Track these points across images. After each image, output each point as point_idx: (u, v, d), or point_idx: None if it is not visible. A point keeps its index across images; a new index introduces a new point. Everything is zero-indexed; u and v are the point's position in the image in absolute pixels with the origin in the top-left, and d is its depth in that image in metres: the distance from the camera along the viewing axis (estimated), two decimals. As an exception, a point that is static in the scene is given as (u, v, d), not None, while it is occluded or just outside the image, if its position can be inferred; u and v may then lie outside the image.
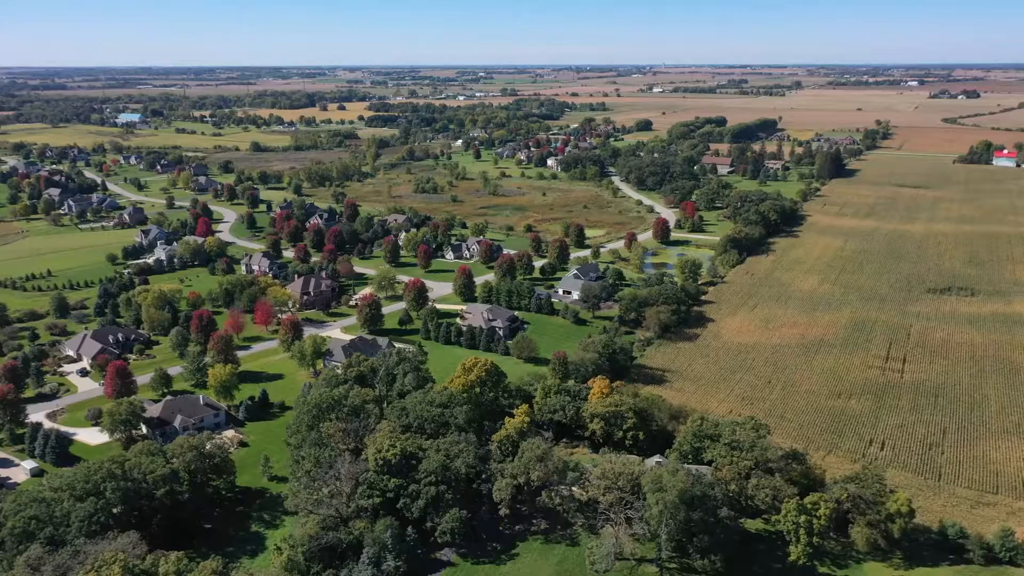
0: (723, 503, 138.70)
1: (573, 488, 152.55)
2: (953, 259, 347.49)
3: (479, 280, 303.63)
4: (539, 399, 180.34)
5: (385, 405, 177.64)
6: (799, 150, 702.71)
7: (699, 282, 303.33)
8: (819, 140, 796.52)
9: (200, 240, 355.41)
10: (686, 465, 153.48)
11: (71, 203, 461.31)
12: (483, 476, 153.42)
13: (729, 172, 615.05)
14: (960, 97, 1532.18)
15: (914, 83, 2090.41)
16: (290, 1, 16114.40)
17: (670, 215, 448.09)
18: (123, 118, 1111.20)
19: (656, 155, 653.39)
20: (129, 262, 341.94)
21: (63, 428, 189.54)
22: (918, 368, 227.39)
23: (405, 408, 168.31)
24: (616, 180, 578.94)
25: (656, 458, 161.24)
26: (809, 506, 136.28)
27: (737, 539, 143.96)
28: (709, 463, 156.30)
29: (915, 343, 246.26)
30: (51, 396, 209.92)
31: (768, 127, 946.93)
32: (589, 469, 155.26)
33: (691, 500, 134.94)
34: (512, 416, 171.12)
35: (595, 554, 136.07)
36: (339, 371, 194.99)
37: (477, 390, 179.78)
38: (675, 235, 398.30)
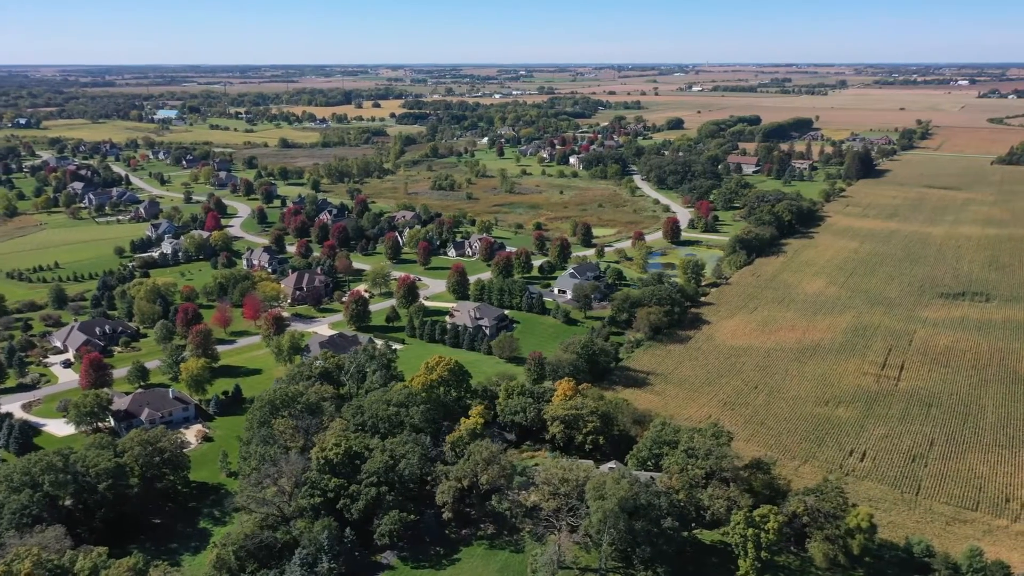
0: (669, 512, 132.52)
1: (522, 493, 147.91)
2: (972, 263, 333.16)
3: (479, 278, 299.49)
4: (502, 400, 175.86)
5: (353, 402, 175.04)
6: (830, 150, 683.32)
7: (701, 283, 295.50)
8: (853, 140, 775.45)
9: (205, 234, 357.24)
10: (642, 472, 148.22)
11: (91, 196, 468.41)
12: (430, 478, 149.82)
13: (754, 172, 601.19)
14: (1011, 96, 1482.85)
15: (964, 82, 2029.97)
16: (339, 1, 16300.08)
17: (685, 215, 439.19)
18: (160, 114, 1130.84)
19: (681, 154, 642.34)
20: (135, 255, 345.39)
21: (34, 419, 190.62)
22: (915, 376, 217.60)
23: (361, 407, 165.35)
24: (637, 179, 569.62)
25: (611, 463, 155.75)
26: (758, 519, 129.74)
27: (689, 550, 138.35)
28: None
29: (916, 349, 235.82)
30: (31, 386, 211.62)
31: (802, 126, 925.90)
32: (539, 473, 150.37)
33: (634, 509, 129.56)
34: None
35: (537, 562, 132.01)
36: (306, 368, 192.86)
37: (441, 390, 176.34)
38: (687, 235, 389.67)
